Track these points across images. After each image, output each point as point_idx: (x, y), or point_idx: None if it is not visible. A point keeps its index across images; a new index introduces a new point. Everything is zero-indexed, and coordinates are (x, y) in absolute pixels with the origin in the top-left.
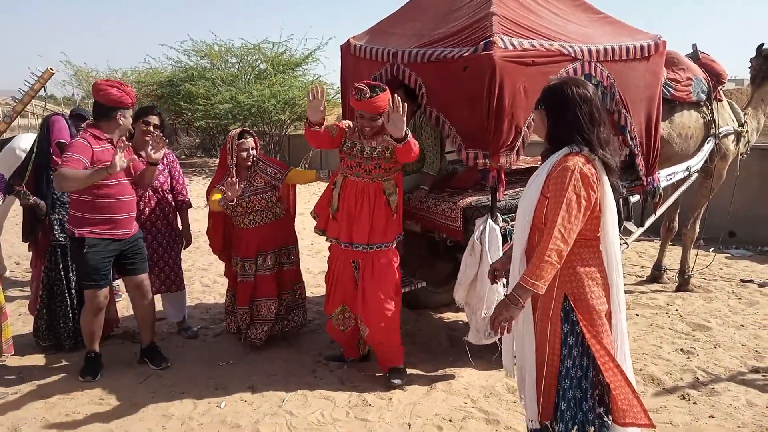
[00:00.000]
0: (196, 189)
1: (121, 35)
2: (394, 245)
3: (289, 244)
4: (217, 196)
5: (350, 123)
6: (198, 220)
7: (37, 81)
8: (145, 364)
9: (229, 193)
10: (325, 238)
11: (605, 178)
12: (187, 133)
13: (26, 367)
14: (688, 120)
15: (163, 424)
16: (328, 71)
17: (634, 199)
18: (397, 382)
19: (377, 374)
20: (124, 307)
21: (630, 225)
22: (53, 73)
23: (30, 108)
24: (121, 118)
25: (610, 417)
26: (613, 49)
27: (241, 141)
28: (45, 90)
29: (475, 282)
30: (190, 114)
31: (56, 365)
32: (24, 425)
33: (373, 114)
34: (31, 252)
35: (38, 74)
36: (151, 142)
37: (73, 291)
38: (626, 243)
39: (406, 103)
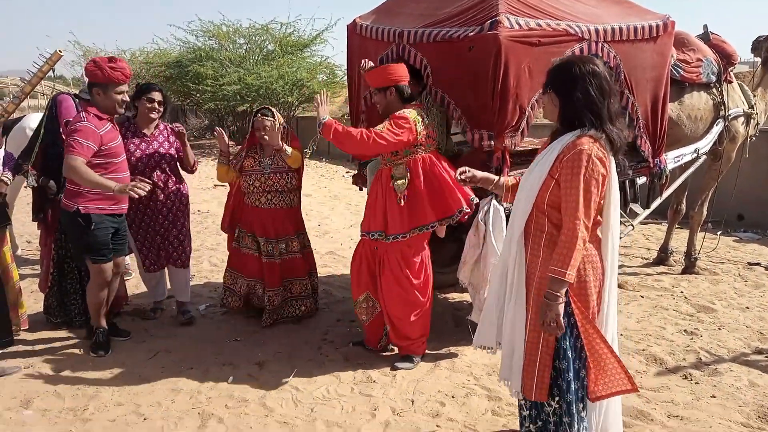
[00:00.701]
0: (204, 170)
1: (130, 15)
2: (411, 236)
3: (302, 230)
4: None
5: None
6: (206, 201)
7: (45, 62)
8: (151, 341)
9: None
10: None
11: (611, 158)
12: (196, 114)
13: (38, 342)
14: (698, 101)
15: (172, 398)
16: (336, 52)
17: (641, 180)
18: (400, 366)
19: (382, 353)
20: (134, 285)
21: (636, 207)
22: (62, 55)
23: (39, 88)
24: (115, 95)
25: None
26: (620, 29)
27: (255, 118)
28: (53, 71)
29: (479, 262)
30: (198, 95)
31: (67, 341)
32: (36, 398)
33: (371, 88)
34: (40, 231)
35: (47, 56)
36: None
37: (83, 269)
38: (632, 225)
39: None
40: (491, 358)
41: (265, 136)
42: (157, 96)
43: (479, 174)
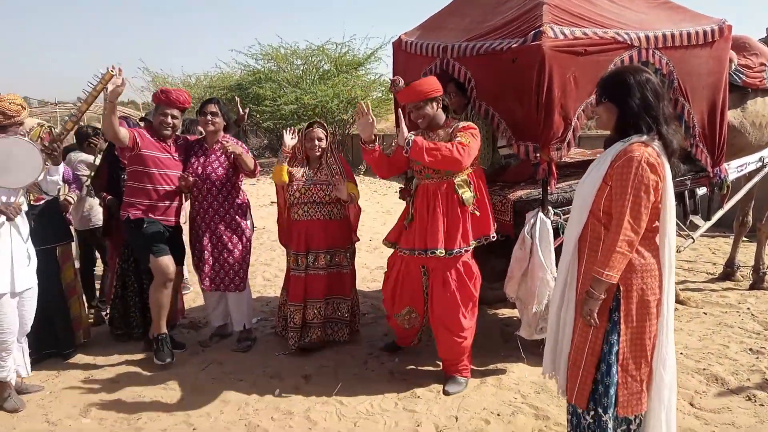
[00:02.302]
0: (262, 188)
1: (195, 41)
2: (469, 251)
3: (341, 247)
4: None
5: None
6: (263, 217)
7: (99, 82)
8: (204, 353)
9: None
10: (388, 245)
11: (666, 164)
12: (256, 134)
13: (100, 353)
14: (762, 108)
15: (221, 409)
16: (390, 70)
17: (701, 191)
18: (451, 391)
19: (428, 368)
20: (191, 299)
21: (697, 219)
22: (113, 74)
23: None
24: (159, 116)
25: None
26: (672, 35)
27: (309, 130)
28: (105, 91)
29: (526, 276)
30: (258, 116)
31: (125, 353)
32: (94, 407)
33: (415, 102)
34: (108, 247)
35: (100, 76)
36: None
37: (144, 283)
38: (692, 238)
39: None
40: (540, 375)
41: (318, 147)
42: (210, 108)
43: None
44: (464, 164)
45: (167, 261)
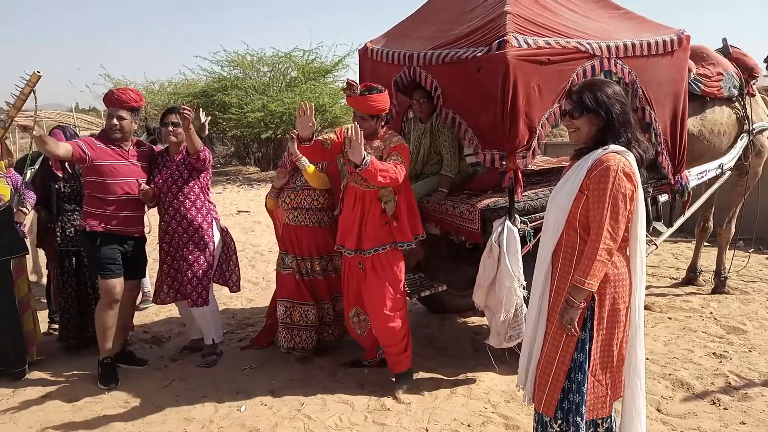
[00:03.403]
0: (228, 196)
1: (158, 48)
2: (391, 248)
3: (333, 253)
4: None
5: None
6: (229, 227)
7: (26, 85)
8: (166, 369)
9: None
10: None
11: (638, 175)
12: (222, 142)
13: (57, 369)
14: (720, 116)
15: (185, 428)
16: (358, 78)
17: (663, 198)
18: (402, 388)
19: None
20: (154, 312)
21: (659, 225)
22: (40, 76)
23: (71, 120)
24: (108, 118)
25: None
26: (633, 45)
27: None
28: (35, 93)
29: (494, 284)
30: (224, 123)
31: (85, 368)
32: (52, 427)
33: (364, 114)
34: (47, 256)
35: (26, 78)
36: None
37: (88, 289)
38: (655, 244)
39: (360, 131)
40: (510, 384)
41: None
42: (171, 118)
43: None
44: (400, 183)
45: (114, 283)
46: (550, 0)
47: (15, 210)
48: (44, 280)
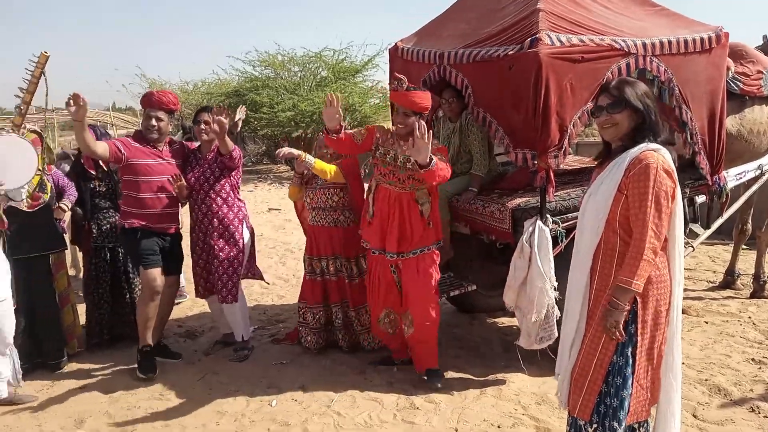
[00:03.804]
0: (260, 195)
1: (193, 48)
2: (434, 249)
3: (350, 256)
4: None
5: (385, 127)
6: (260, 224)
7: (35, 67)
8: (200, 362)
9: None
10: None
11: (675, 171)
12: (253, 140)
13: (95, 361)
14: (760, 115)
15: (217, 420)
16: (387, 77)
17: (700, 199)
18: (438, 385)
19: (427, 377)
20: (187, 307)
21: (696, 227)
22: (48, 56)
23: (108, 119)
24: (145, 119)
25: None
26: (670, 42)
27: (321, 134)
28: (45, 75)
29: (525, 285)
30: (255, 122)
31: (122, 361)
32: (89, 418)
33: (407, 109)
34: (82, 252)
35: (35, 60)
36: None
37: (123, 284)
38: (692, 246)
39: (431, 131)
40: (540, 386)
41: (328, 154)
42: (204, 116)
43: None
44: (446, 179)
45: (155, 274)
46: None
47: (54, 206)
48: (82, 275)
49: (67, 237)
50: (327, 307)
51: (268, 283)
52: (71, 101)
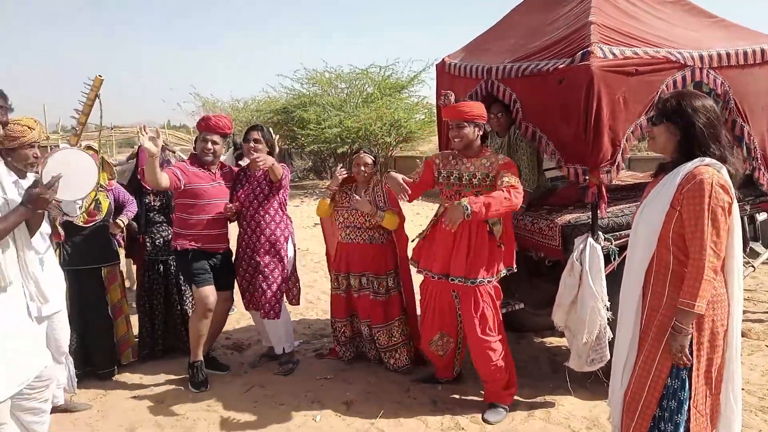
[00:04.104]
0: (307, 210)
1: (244, 67)
2: (494, 282)
3: (380, 273)
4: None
5: (444, 152)
6: (306, 239)
7: (90, 90)
8: (247, 375)
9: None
10: (415, 266)
11: (732, 187)
12: (300, 156)
13: (147, 371)
14: None
15: None
16: (434, 92)
17: (761, 217)
18: (491, 420)
19: (472, 397)
20: (235, 319)
21: (757, 246)
22: (102, 80)
23: (164, 137)
24: (201, 142)
25: None
26: (728, 54)
27: (356, 155)
28: (99, 98)
29: (576, 304)
30: (302, 138)
31: (173, 372)
32: (139, 427)
33: (459, 120)
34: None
35: (90, 83)
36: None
37: (174, 296)
38: (753, 266)
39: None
40: (591, 410)
41: (364, 173)
42: (253, 135)
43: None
44: (519, 206)
45: (207, 291)
46: (638, 9)
47: (110, 222)
48: (135, 287)
49: (121, 250)
50: (352, 321)
51: (298, 304)
52: (146, 131)
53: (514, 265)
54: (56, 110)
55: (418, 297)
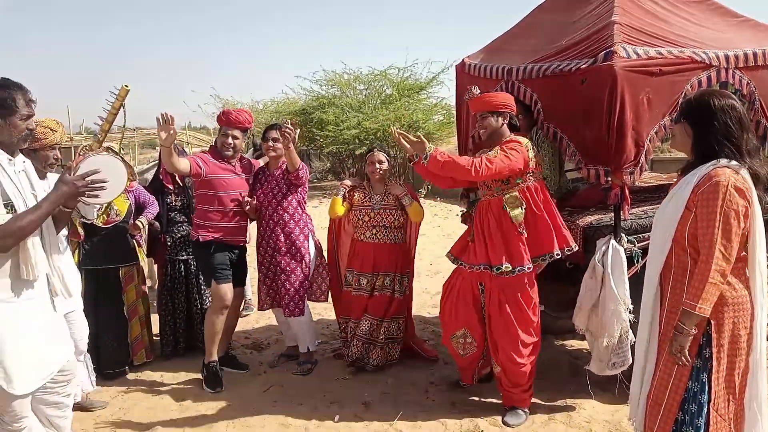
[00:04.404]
0: (325, 210)
1: (264, 69)
2: (527, 269)
3: (403, 272)
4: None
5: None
6: (325, 240)
7: (116, 99)
8: (266, 374)
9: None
10: (451, 259)
11: (754, 189)
12: (319, 158)
13: (168, 369)
14: None
15: None
16: (452, 93)
17: None
18: (511, 422)
19: (491, 400)
20: (254, 319)
21: None
22: (128, 89)
23: (184, 138)
24: (221, 137)
25: None
26: (755, 54)
27: (369, 154)
28: (124, 107)
29: (597, 307)
30: (321, 140)
31: (193, 370)
32: (159, 426)
33: (483, 111)
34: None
35: (116, 92)
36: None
37: (194, 295)
38: None
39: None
40: (613, 414)
41: (379, 170)
42: (272, 134)
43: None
44: (477, 177)
45: (226, 288)
46: (662, 9)
47: (130, 223)
48: (156, 286)
49: (143, 250)
50: (368, 319)
51: (325, 300)
52: (161, 120)
53: (556, 251)
54: (80, 111)
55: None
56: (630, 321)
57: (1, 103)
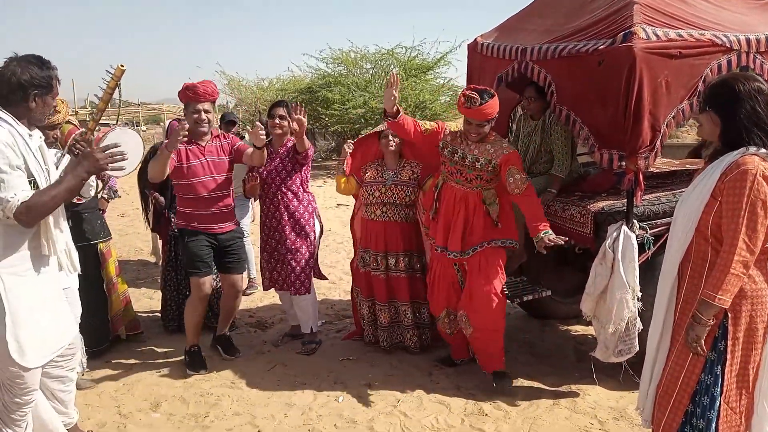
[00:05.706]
0: (329, 190)
1: (269, 46)
2: (500, 244)
3: (417, 250)
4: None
5: (454, 127)
6: (329, 219)
7: (111, 79)
8: (270, 353)
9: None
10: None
11: None
12: (324, 137)
13: (173, 345)
14: None
15: (285, 412)
16: (460, 74)
17: None
18: (507, 386)
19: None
20: (258, 298)
21: None
22: (124, 69)
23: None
24: (191, 114)
25: None
26: None
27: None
28: (119, 87)
29: (605, 294)
30: (326, 119)
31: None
32: (164, 401)
33: (482, 121)
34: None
35: (111, 72)
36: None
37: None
38: None
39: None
40: (618, 400)
41: (393, 143)
42: (278, 111)
43: None
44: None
45: (203, 280)
46: None
47: (99, 198)
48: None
49: (149, 226)
50: (392, 305)
51: (325, 278)
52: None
53: (514, 239)
54: (86, 86)
55: None
56: (639, 309)
57: (45, 82)
